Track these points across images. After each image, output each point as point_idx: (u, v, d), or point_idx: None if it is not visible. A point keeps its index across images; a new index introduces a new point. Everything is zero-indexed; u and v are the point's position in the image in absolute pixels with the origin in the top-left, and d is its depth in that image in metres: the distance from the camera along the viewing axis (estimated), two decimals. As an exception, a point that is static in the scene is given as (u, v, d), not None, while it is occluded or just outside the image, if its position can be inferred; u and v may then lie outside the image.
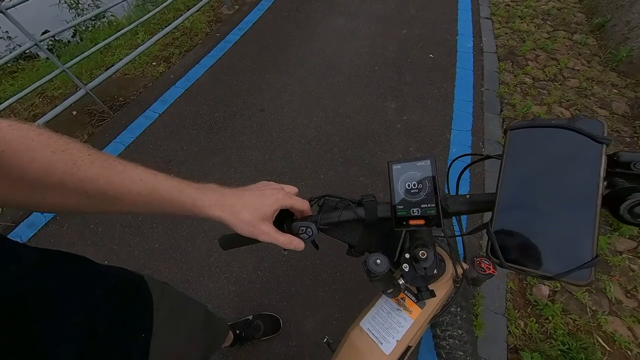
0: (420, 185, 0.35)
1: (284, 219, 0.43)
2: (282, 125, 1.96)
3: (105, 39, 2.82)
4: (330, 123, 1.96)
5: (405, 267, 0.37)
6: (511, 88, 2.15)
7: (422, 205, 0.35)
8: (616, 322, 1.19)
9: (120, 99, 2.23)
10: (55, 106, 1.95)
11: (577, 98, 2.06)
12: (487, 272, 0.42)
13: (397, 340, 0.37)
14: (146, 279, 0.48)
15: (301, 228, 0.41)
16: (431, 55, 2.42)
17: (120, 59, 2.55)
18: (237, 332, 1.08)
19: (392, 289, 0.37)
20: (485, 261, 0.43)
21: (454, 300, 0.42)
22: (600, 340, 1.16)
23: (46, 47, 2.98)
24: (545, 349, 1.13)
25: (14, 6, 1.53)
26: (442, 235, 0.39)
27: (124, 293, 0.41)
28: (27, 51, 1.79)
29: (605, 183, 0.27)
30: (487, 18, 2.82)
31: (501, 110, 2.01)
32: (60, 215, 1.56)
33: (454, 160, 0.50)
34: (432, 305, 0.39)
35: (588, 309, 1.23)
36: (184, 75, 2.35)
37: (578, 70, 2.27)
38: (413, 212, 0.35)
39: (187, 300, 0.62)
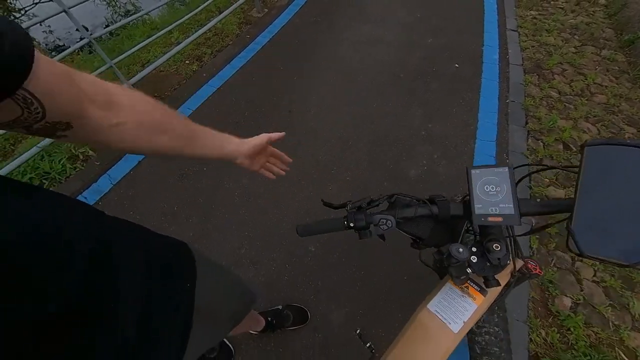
0: (498, 188, 0.41)
1: (364, 214, 0.49)
2: (309, 127, 2.03)
3: (142, 36, 2.97)
4: (356, 127, 2.02)
5: (474, 258, 0.43)
6: (537, 101, 2.16)
7: (501, 205, 0.41)
8: (639, 338, 1.20)
9: (156, 94, 2.35)
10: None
11: (605, 114, 2.06)
12: (534, 272, 0.47)
13: (464, 322, 0.43)
14: (186, 242, 0.56)
15: (382, 220, 0.47)
16: (457, 65, 2.45)
17: (155, 56, 2.69)
18: (269, 319, 1.14)
19: (464, 276, 0.42)
20: (532, 262, 0.49)
21: (509, 291, 0.47)
22: (623, 355, 1.17)
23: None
24: (567, 358, 1.15)
25: (74, 5, 1.65)
26: (507, 235, 0.44)
27: (173, 250, 0.50)
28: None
29: None
30: (513, 30, 2.84)
31: (526, 123, 2.03)
32: (103, 203, 1.67)
33: (518, 167, 0.56)
34: (493, 294, 0.45)
35: (611, 323, 1.25)
36: (215, 74, 2.46)
37: (606, 86, 2.27)
38: (491, 210, 0.41)
39: (221, 265, 0.69)
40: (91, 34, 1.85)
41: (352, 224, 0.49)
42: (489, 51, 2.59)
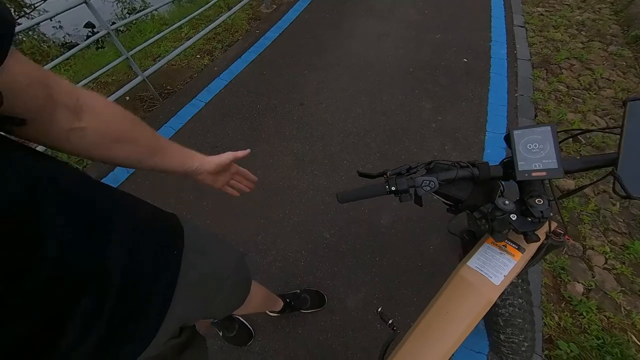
0: (541, 146, 0.44)
1: (405, 178, 0.52)
2: (321, 119, 2.06)
3: (152, 32, 3.01)
4: (367, 119, 2.05)
5: (513, 216, 0.45)
6: (545, 95, 2.19)
7: (544, 161, 0.43)
8: (651, 322, 1.22)
9: (169, 87, 2.38)
10: (112, 92, 2.11)
11: (613, 108, 2.08)
12: (564, 237, 0.50)
13: (505, 275, 0.45)
14: (176, 215, 0.56)
15: (425, 181, 0.49)
16: (465, 60, 2.48)
17: (166, 51, 2.72)
18: (287, 300, 1.17)
19: (506, 230, 0.45)
20: (559, 230, 0.51)
21: (540, 257, 0.50)
22: (635, 339, 1.20)
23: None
24: (580, 340, 1.17)
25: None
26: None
27: (160, 218, 0.51)
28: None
29: None
30: (520, 26, 2.86)
31: (535, 116, 2.05)
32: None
33: (565, 132, 0.58)
34: (530, 252, 0.47)
35: (622, 308, 1.27)
36: (227, 68, 2.49)
37: (613, 80, 2.29)
38: (535, 166, 0.44)
39: (218, 239, 0.67)
40: (113, 23, 1.87)
41: (393, 187, 0.51)
42: (496, 47, 2.62)
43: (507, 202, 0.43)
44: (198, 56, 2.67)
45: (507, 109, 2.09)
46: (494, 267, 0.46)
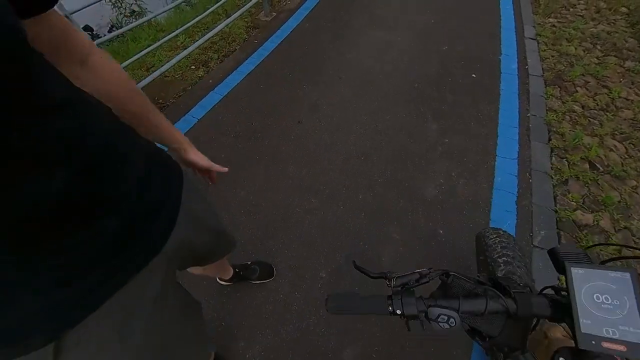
0: (616, 302, 0.31)
1: (414, 298, 0.40)
2: (320, 139, 1.94)
3: (147, 39, 2.89)
4: (369, 140, 1.92)
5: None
6: (559, 115, 2.05)
7: (621, 327, 0.30)
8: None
9: (160, 101, 2.26)
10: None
11: (632, 131, 1.95)
12: None
13: None
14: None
15: (442, 317, 0.37)
16: (474, 75, 2.34)
17: (160, 60, 2.61)
18: (236, 270, 1.25)
19: None
20: None
21: None
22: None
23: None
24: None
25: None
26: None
27: (165, 155, 0.57)
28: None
29: None
30: (532, 39, 2.72)
31: (549, 140, 1.92)
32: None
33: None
34: None
35: None
36: (222, 81, 2.37)
37: (632, 100, 2.15)
38: (607, 332, 0.31)
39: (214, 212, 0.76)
40: (111, 28, 1.76)
41: (398, 311, 0.39)
42: (507, 60, 2.48)
43: None
44: (193, 67, 2.56)
45: (519, 130, 1.96)
46: None
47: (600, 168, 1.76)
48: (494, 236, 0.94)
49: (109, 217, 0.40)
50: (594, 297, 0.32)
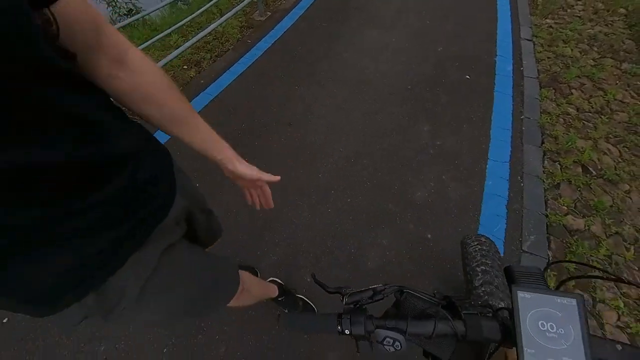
0: (561, 331, 0.29)
1: (364, 317, 0.38)
2: (310, 142, 1.92)
3: (140, 38, 2.87)
4: (360, 143, 1.90)
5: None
6: (553, 118, 2.03)
7: (564, 358, 0.28)
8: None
9: (151, 101, 2.24)
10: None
11: (626, 134, 1.92)
12: None
13: None
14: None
15: (387, 340, 0.35)
16: (468, 77, 2.32)
17: (155, 61, 2.59)
18: None
19: None
20: None
21: None
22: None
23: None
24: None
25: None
26: None
27: (156, 141, 0.56)
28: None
29: None
30: (528, 40, 2.69)
31: (542, 143, 1.89)
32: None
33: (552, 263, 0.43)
34: None
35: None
36: (214, 81, 2.35)
37: (627, 103, 2.13)
38: None
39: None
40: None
41: (347, 330, 0.38)
42: (502, 62, 2.46)
43: None
44: (185, 67, 2.54)
45: (512, 133, 1.94)
46: None
47: (593, 172, 1.74)
48: (475, 244, 0.92)
49: (119, 178, 0.42)
50: (539, 324, 0.30)
